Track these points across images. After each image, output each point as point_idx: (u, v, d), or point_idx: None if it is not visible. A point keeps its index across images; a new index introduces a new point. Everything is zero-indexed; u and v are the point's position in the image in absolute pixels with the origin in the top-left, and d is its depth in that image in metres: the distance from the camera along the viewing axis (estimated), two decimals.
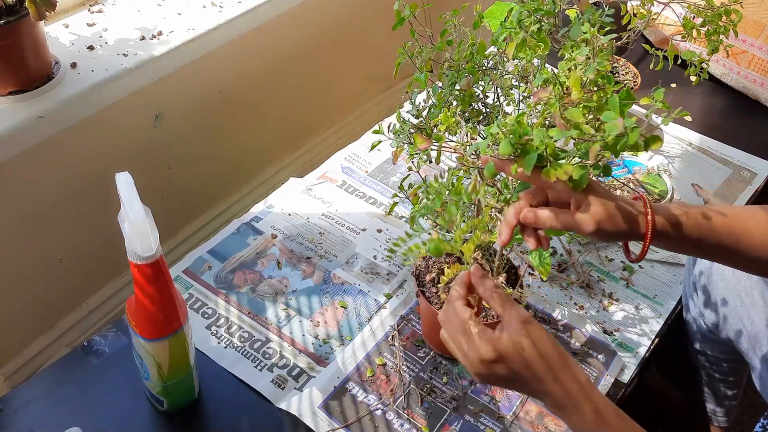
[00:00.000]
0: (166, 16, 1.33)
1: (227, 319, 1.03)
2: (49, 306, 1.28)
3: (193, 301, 1.05)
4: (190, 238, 1.51)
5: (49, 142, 1.12)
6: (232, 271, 1.10)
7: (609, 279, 1.12)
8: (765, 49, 1.47)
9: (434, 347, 1.00)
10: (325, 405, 0.92)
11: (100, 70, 1.18)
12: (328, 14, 1.62)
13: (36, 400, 0.91)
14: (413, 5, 0.87)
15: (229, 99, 1.45)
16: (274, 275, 1.09)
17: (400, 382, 0.96)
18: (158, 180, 1.39)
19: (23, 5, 1.02)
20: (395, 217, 1.21)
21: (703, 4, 0.94)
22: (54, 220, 1.21)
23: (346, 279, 1.10)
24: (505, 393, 0.96)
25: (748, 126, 1.49)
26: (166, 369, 0.84)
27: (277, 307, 1.05)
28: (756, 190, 1.31)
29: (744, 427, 1.42)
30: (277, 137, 1.67)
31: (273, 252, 1.13)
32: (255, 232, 1.17)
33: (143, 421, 0.91)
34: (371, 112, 1.90)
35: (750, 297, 1.01)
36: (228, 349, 0.99)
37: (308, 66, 1.63)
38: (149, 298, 0.78)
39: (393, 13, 0.87)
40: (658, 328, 1.06)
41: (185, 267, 1.10)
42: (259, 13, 1.40)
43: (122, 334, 0.99)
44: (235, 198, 1.60)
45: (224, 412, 0.93)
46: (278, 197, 1.24)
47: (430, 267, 0.97)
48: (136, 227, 0.73)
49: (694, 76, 0.96)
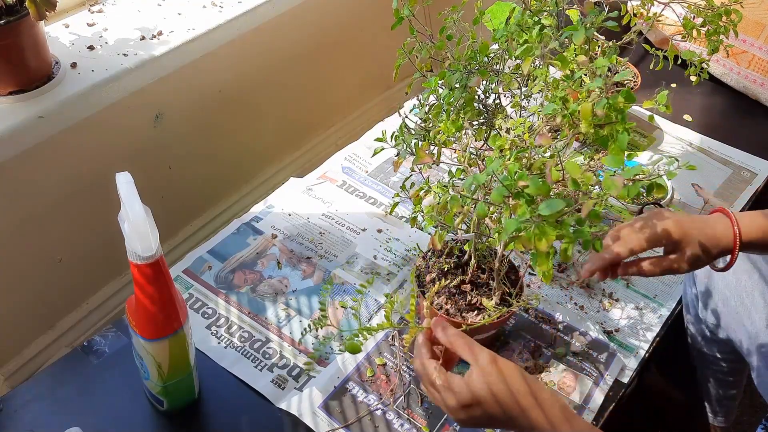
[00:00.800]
0: (166, 16, 1.33)
1: (227, 319, 1.03)
2: (49, 306, 1.28)
3: (193, 301, 1.05)
4: (190, 238, 1.51)
5: (49, 142, 1.12)
6: (232, 271, 1.10)
7: (609, 279, 1.12)
8: (765, 49, 1.47)
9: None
10: (325, 405, 0.92)
11: (100, 70, 1.18)
12: (328, 14, 1.62)
13: (36, 400, 0.91)
14: (412, 0, 0.87)
15: (229, 99, 1.46)
16: (274, 275, 1.09)
17: (400, 382, 0.96)
18: (158, 180, 1.39)
19: (23, 5, 1.02)
20: (395, 217, 1.21)
21: (703, 4, 0.94)
22: (54, 220, 1.21)
23: (346, 279, 1.10)
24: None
25: (748, 126, 1.49)
26: (166, 369, 0.84)
27: (277, 307, 1.05)
28: (756, 190, 1.31)
29: (744, 427, 1.42)
30: (277, 137, 1.67)
31: (273, 252, 1.13)
32: (255, 232, 1.17)
33: (143, 421, 0.91)
34: (371, 112, 1.90)
35: (750, 297, 1.01)
36: (228, 349, 0.99)
37: (308, 66, 1.63)
38: (149, 298, 0.78)
39: (393, 13, 0.87)
40: (659, 329, 1.06)
41: (185, 267, 1.10)
42: (259, 13, 1.40)
43: (122, 334, 0.99)
44: (235, 198, 1.60)
45: (224, 412, 0.93)
46: (278, 197, 1.24)
47: (430, 267, 0.97)
48: (136, 227, 0.73)
49: (694, 76, 0.96)
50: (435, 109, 0.87)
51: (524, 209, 0.62)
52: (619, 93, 0.69)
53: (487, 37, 0.89)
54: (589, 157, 0.82)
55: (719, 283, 1.05)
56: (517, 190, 0.64)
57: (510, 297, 0.93)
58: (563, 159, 0.69)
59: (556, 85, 0.73)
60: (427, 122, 0.90)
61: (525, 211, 0.62)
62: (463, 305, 0.93)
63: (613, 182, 0.61)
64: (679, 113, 1.48)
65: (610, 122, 0.69)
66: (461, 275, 0.95)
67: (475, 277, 0.95)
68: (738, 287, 1.02)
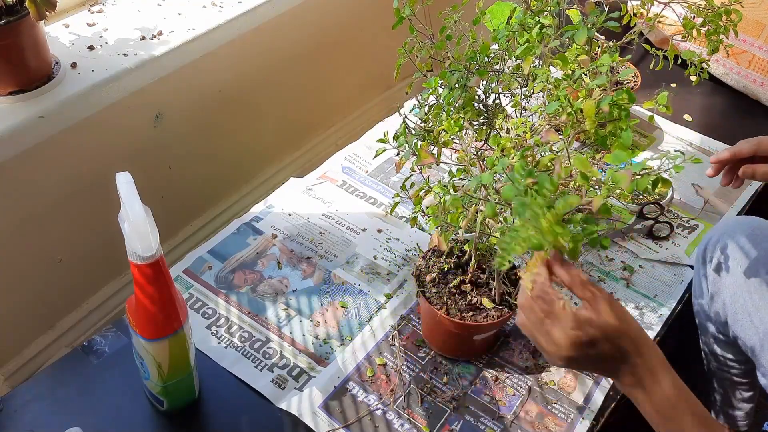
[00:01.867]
0: (166, 16, 1.33)
1: (227, 319, 1.03)
2: (49, 306, 1.28)
3: (194, 301, 1.05)
4: (190, 238, 1.51)
5: (49, 142, 1.12)
6: (233, 271, 1.10)
7: (609, 279, 1.12)
8: (765, 49, 1.47)
9: (435, 347, 1.00)
10: (325, 405, 0.92)
11: (100, 70, 1.18)
12: (328, 14, 1.62)
13: (36, 400, 0.91)
14: (412, 0, 0.87)
15: (229, 99, 1.45)
16: (275, 275, 1.09)
17: (400, 382, 0.96)
18: (158, 180, 1.39)
19: (23, 5, 1.02)
20: (395, 217, 1.21)
21: (703, 4, 0.94)
22: (54, 220, 1.21)
23: (346, 279, 1.10)
24: (505, 393, 0.95)
25: (748, 126, 1.49)
26: (166, 369, 0.84)
27: (278, 307, 1.05)
28: (756, 190, 1.31)
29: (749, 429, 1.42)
30: (277, 137, 1.66)
31: (273, 252, 1.13)
32: (255, 232, 1.17)
33: (143, 421, 0.91)
34: (371, 112, 1.90)
35: (759, 293, 1.00)
36: (228, 349, 0.99)
37: (308, 66, 1.63)
38: (149, 298, 0.78)
39: (393, 13, 0.87)
40: (659, 328, 1.06)
41: (185, 267, 1.10)
42: (259, 13, 1.40)
43: (122, 334, 0.99)
44: (235, 198, 1.60)
45: (224, 412, 0.93)
46: (278, 197, 1.24)
47: (431, 267, 0.97)
48: (136, 227, 0.73)
49: (694, 76, 0.96)
50: (435, 109, 0.87)
51: (539, 204, 0.61)
52: (623, 91, 0.69)
53: (487, 37, 0.89)
54: (590, 156, 0.82)
55: (726, 279, 1.04)
56: (527, 188, 0.63)
57: (510, 297, 0.93)
58: (567, 157, 0.69)
59: (558, 84, 0.73)
60: (427, 122, 0.90)
61: (539, 207, 0.61)
62: (463, 305, 0.93)
63: (621, 176, 0.60)
64: (679, 113, 1.48)
65: (613, 119, 0.68)
66: (461, 275, 0.95)
67: (475, 277, 0.95)
68: (746, 284, 1.02)
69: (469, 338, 0.95)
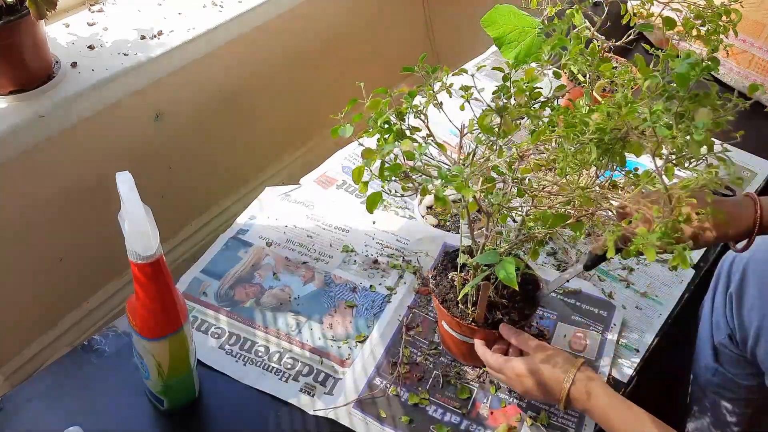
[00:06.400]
0: (166, 16, 1.33)
1: (239, 336, 1.00)
2: (50, 305, 1.28)
3: (199, 324, 1.02)
4: (190, 238, 1.51)
5: (49, 141, 1.12)
6: (232, 287, 1.07)
7: (609, 279, 1.12)
8: (765, 49, 1.47)
9: (457, 357, 1.00)
10: (359, 404, 0.92)
11: (100, 69, 1.18)
12: (329, 14, 1.62)
13: (36, 400, 0.91)
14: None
15: (229, 99, 1.46)
16: (275, 285, 1.08)
17: (425, 370, 0.97)
18: (158, 180, 1.39)
19: (24, 5, 1.02)
20: (386, 210, 1.20)
21: (703, 4, 0.94)
22: (54, 220, 1.21)
23: (348, 278, 1.09)
24: None
25: (748, 126, 1.48)
26: (167, 368, 0.84)
27: (286, 316, 1.03)
28: (756, 190, 1.31)
29: None
30: (277, 137, 1.67)
31: (268, 262, 1.11)
32: (244, 245, 1.14)
33: (143, 420, 0.91)
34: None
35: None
36: (248, 366, 0.97)
37: (308, 66, 1.64)
38: (149, 298, 0.78)
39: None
40: (659, 328, 1.06)
41: (182, 291, 1.06)
42: (259, 13, 1.40)
43: (122, 334, 0.99)
44: (236, 198, 1.60)
45: (224, 411, 0.93)
46: (259, 208, 1.21)
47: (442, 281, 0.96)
48: (136, 227, 0.73)
49: None
50: None
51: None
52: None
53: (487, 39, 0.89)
54: None
55: (751, 289, 1.04)
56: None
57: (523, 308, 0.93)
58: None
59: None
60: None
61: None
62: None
63: (706, 113, 0.63)
64: None
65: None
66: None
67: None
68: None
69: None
